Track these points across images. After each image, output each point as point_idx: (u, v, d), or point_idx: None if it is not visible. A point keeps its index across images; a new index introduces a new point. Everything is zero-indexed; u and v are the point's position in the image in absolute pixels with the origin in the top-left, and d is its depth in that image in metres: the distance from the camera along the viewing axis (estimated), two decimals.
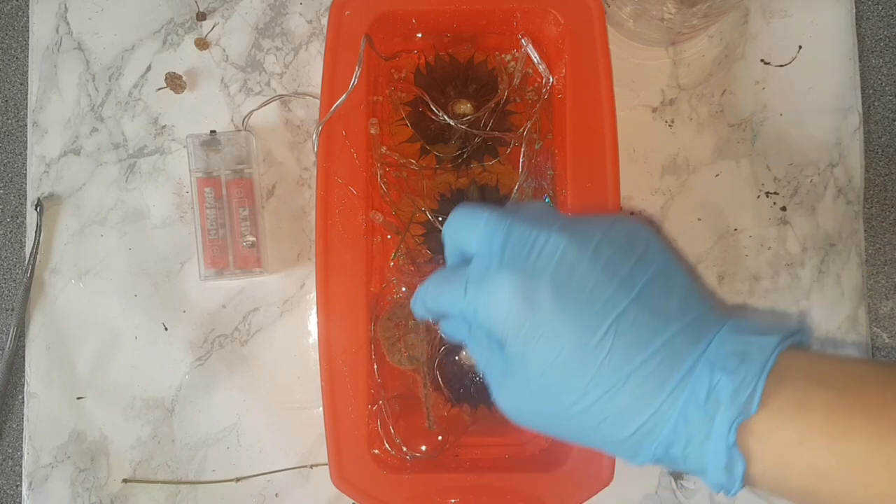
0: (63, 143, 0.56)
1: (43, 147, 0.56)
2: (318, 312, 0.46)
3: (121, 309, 0.55)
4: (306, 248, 0.55)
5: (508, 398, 0.34)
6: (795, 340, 0.31)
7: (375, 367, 0.47)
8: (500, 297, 0.32)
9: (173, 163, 0.55)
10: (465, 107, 0.49)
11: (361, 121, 0.47)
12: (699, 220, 0.55)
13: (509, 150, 0.50)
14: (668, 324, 0.31)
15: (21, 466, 0.54)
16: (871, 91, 0.57)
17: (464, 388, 0.49)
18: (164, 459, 0.54)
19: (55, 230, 0.55)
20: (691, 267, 0.55)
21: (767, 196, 0.55)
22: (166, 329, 0.55)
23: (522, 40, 0.49)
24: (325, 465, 0.46)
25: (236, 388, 0.54)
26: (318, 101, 0.47)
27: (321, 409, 0.46)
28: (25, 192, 0.56)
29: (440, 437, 0.49)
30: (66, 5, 0.56)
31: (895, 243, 0.56)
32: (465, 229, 0.36)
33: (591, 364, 0.30)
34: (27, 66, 0.57)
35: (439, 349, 0.49)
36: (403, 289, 0.50)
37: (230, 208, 0.52)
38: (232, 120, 0.55)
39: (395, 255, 0.50)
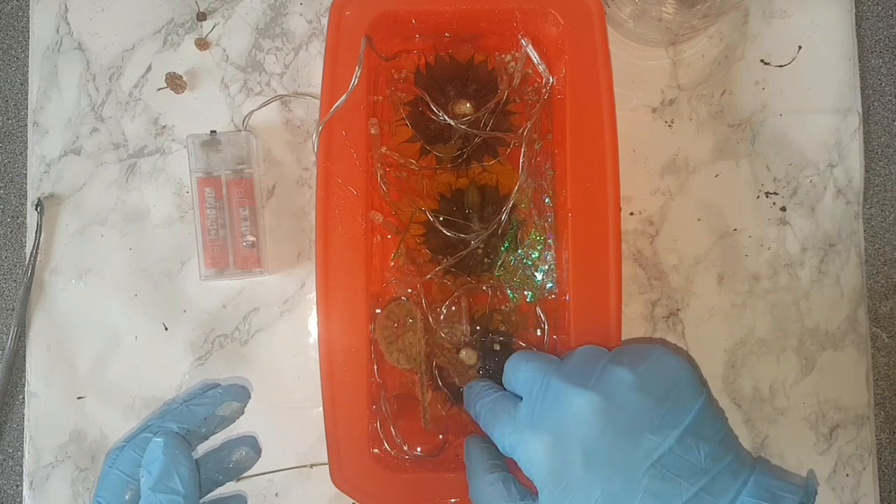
0: (63, 143, 0.56)
1: (43, 147, 0.56)
2: (318, 312, 0.46)
3: (121, 309, 0.55)
4: (306, 248, 0.55)
5: None
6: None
7: (375, 366, 0.47)
8: (535, 455, 0.36)
9: (173, 163, 0.55)
10: (465, 107, 0.49)
11: (361, 121, 0.47)
12: (699, 220, 0.55)
13: (509, 150, 0.50)
14: (696, 478, 0.33)
15: (22, 466, 0.54)
16: (870, 91, 0.57)
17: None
18: None
19: (55, 230, 0.55)
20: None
21: (767, 196, 0.55)
22: (166, 329, 0.55)
23: (522, 40, 0.49)
24: (325, 464, 0.46)
25: None
26: (318, 101, 0.47)
27: (321, 408, 0.46)
28: (26, 192, 0.56)
29: (440, 437, 0.49)
30: (66, 5, 0.56)
31: (895, 243, 0.56)
32: (512, 374, 0.41)
33: None
34: (27, 66, 0.57)
35: (437, 349, 0.49)
36: (409, 290, 0.50)
37: (230, 208, 0.52)
38: (232, 120, 0.55)
39: (395, 255, 0.50)
